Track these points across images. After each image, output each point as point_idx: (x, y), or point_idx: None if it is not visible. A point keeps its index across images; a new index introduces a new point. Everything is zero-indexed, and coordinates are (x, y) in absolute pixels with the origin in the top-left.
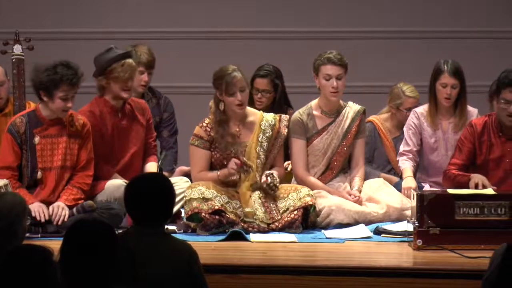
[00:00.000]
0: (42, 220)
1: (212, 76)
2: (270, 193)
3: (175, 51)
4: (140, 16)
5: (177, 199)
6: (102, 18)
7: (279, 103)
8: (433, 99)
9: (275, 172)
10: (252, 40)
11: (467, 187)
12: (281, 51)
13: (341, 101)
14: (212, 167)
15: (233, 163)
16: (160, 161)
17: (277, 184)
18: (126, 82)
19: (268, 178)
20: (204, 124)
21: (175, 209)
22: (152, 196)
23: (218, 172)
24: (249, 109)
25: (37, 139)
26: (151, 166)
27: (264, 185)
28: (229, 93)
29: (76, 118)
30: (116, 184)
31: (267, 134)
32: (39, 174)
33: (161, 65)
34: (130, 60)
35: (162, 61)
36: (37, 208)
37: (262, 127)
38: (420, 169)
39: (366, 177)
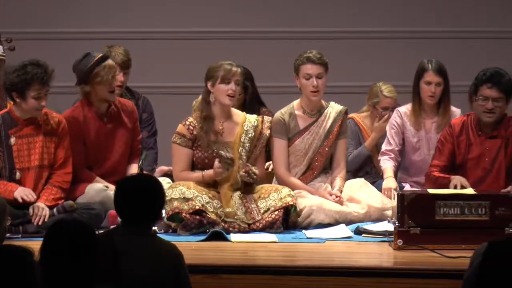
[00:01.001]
0: (32, 200)
1: (207, 69)
2: (249, 181)
3: (154, 51)
4: (119, 16)
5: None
6: (82, 18)
7: (251, 104)
8: (417, 99)
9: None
10: (231, 40)
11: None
12: (260, 51)
13: (323, 101)
14: (193, 166)
15: (217, 162)
16: (140, 161)
17: (255, 171)
18: (111, 83)
19: (247, 166)
20: (187, 123)
21: None
22: (142, 196)
23: (203, 173)
24: (233, 110)
25: (13, 140)
26: (133, 168)
27: (244, 173)
28: (225, 81)
29: (51, 117)
30: (96, 188)
31: (250, 135)
32: (18, 175)
33: (140, 65)
34: (110, 61)
35: (141, 61)
36: (22, 192)
37: (245, 128)
38: (401, 169)
39: (356, 158)
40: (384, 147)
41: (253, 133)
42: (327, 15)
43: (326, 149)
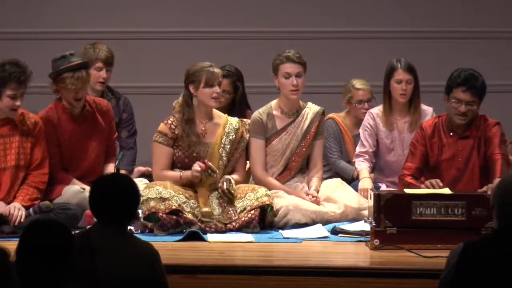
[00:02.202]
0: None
1: (186, 72)
2: (225, 198)
3: (135, 51)
4: (99, 16)
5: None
6: (60, 18)
7: (240, 105)
8: (388, 99)
9: (232, 178)
10: (212, 41)
11: None
12: (241, 51)
13: (300, 102)
14: (173, 165)
15: (197, 166)
16: (117, 161)
17: (232, 191)
18: (76, 93)
19: (224, 183)
20: (169, 122)
21: None
22: (117, 195)
23: (181, 174)
24: (215, 111)
25: None
26: (110, 168)
27: (219, 190)
28: (209, 84)
29: (28, 117)
30: (73, 190)
31: (231, 137)
32: None
33: (120, 66)
34: (82, 72)
35: (122, 61)
36: None
37: (226, 130)
38: (377, 169)
39: (341, 173)
40: (358, 149)
41: (234, 136)
42: (305, 15)
43: (304, 149)
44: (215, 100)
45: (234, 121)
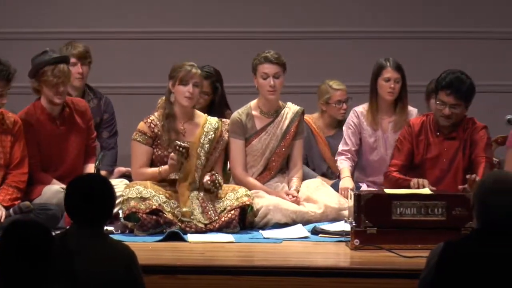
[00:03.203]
0: None
1: (171, 68)
2: (214, 191)
3: (116, 51)
4: (80, 16)
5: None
6: (41, 18)
7: (219, 105)
8: (374, 97)
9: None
10: (192, 41)
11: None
12: (221, 51)
13: (280, 102)
14: (153, 165)
15: (172, 154)
16: (97, 161)
17: (221, 182)
18: (57, 87)
19: (213, 176)
20: (149, 120)
21: (114, 210)
22: (92, 196)
23: (160, 169)
24: (196, 112)
25: None
26: (90, 168)
27: (209, 183)
28: (183, 82)
29: (7, 116)
30: (53, 190)
31: (210, 137)
32: None
33: (101, 66)
34: (62, 65)
35: (102, 61)
36: None
37: (205, 129)
38: (358, 168)
39: (303, 178)
40: (341, 147)
41: (213, 135)
42: (284, 15)
43: (283, 149)
44: (187, 99)
45: (213, 120)
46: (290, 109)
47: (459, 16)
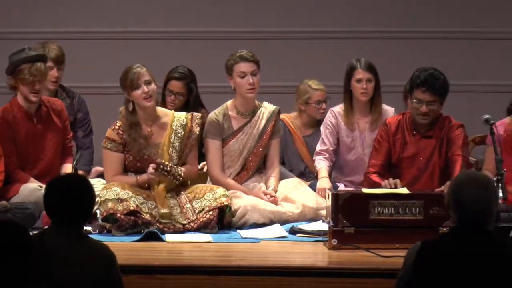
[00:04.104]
0: None
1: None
2: (173, 181)
3: (89, 50)
4: (54, 16)
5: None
6: (15, 17)
7: (194, 106)
8: (348, 99)
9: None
10: (164, 41)
11: None
12: (194, 51)
13: (256, 101)
14: (125, 170)
15: (151, 169)
16: (75, 161)
17: (181, 172)
18: (34, 85)
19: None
20: (116, 127)
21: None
22: (71, 197)
23: (137, 178)
24: (161, 110)
25: None
26: (67, 168)
27: (152, 169)
28: (134, 87)
29: None
30: (30, 188)
31: (179, 134)
32: None
33: (75, 65)
34: (40, 64)
35: (76, 60)
36: None
37: (174, 128)
38: (336, 168)
39: (280, 178)
40: (318, 147)
41: (183, 132)
42: (256, 15)
43: (260, 149)
44: (146, 100)
45: (181, 116)
46: (266, 108)
47: (436, 16)
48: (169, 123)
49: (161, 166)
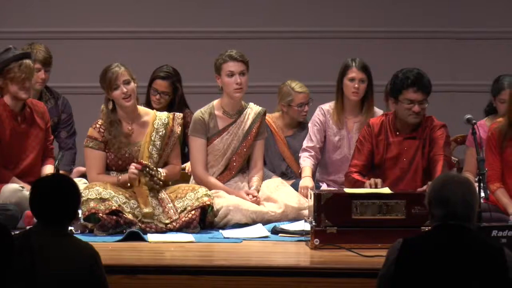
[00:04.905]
0: None
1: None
2: (152, 185)
3: (73, 51)
4: (39, 16)
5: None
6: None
7: (179, 105)
8: (340, 97)
9: (160, 169)
10: (149, 40)
11: None
12: (179, 51)
13: (242, 102)
14: (108, 168)
15: (133, 168)
16: (57, 162)
17: (161, 176)
18: (24, 82)
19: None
20: (98, 125)
21: None
22: (57, 196)
23: (119, 177)
24: (142, 109)
25: None
26: (48, 169)
27: (134, 169)
28: (113, 88)
29: None
30: (12, 189)
31: (160, 133)
32: None
33: (59, 65)
34: (28, 61)
35: (60, 61)
36: None
37: (155, 126)
38: (320, 166)
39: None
40: (305, 143)
41: (164, 131)
42: (246, 15)
43: (245, 149)
44: (125, 100)
45: (163, 116)
46: (252, 109)
47: (420, 16)
48: (150, 121)
49: (147, 169)
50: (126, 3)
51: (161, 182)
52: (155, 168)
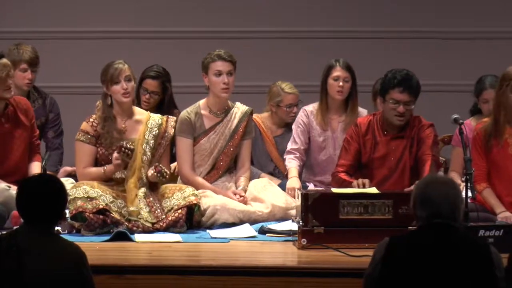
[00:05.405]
0: None
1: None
2: (161, 180)
3: (60, 51)
4: (24, 15)
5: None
6: None
7: (168, 105)
8: (324, 97)
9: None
10: (137, 40)
11: None
12: (167, 51)
13: (229, 102)
14: (97, 163)
15: (115, 154)
16: (44, 162)
17: (167, 171)
18: (5, 81)
19: (158, 167)
20: (91, 120)
21: None
22: (44, 196)
23: (105, 168)
24: (137, 109)
25: None
26: (35, 166)
27: (156, 174)
28: (114, 81)
29: None
30: None
31: (154, 133)
32: None
33: (46, 65)
34: (4, 60)
35: (47, 61)
36: None
37: (149, 126)
38: (306, 168)
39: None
40: (289, 145)
41: (157, 131)
42: (235, 15)
43: (231, 149)
44: (124, 95)
45: (157, 117)
46: (239, 109)
47: (405, 15)
48: (144, 121)
49: (124, 148)
50: (113, 3)
51: (167, 175)
52: (131, 143)
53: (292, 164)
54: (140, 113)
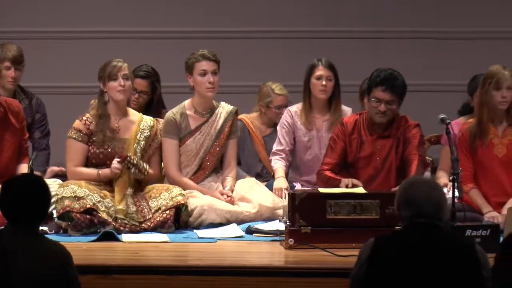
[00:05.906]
0: None
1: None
2: (140, 177)
3: (47, 51)
4: (13, 15)
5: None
6: None
7: (156, 105)
8: (308, 96)
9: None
10: (125, 40)
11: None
12: (155, 51)
13: (214, 101)
14: (88, 162)
15: (115, 162)
16: (31, 162)
17: (147, 168)
18: None
19: (123, 154)
20: (84, 118)
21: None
22: (27, 196)
23: (99, 172)
24: (131, 110)
25: None
26: (23, 168)
27: (122, 162)
28: (112, 78)
29: None
30: None
31: (145, 134)
32: None
33: (33, 65)
34: None
35: (34, 60)
36: None
37: (141, 127)
38: (292, 168)
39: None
40: (275, 147)
41: (149, 133)
42: (223, 15)
43: (217, 149)
44: (120, 92)
45: (148, 119)
46: (224, 108)
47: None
48: (136, 122)
49: (128, 159)
50: (100, 3)
51: (146, 172)
52: (136, 159)
53: (278, 164)
54: (133, 114)
